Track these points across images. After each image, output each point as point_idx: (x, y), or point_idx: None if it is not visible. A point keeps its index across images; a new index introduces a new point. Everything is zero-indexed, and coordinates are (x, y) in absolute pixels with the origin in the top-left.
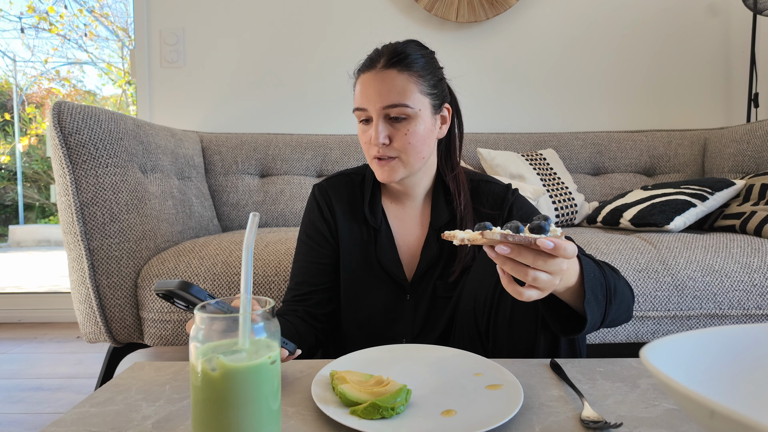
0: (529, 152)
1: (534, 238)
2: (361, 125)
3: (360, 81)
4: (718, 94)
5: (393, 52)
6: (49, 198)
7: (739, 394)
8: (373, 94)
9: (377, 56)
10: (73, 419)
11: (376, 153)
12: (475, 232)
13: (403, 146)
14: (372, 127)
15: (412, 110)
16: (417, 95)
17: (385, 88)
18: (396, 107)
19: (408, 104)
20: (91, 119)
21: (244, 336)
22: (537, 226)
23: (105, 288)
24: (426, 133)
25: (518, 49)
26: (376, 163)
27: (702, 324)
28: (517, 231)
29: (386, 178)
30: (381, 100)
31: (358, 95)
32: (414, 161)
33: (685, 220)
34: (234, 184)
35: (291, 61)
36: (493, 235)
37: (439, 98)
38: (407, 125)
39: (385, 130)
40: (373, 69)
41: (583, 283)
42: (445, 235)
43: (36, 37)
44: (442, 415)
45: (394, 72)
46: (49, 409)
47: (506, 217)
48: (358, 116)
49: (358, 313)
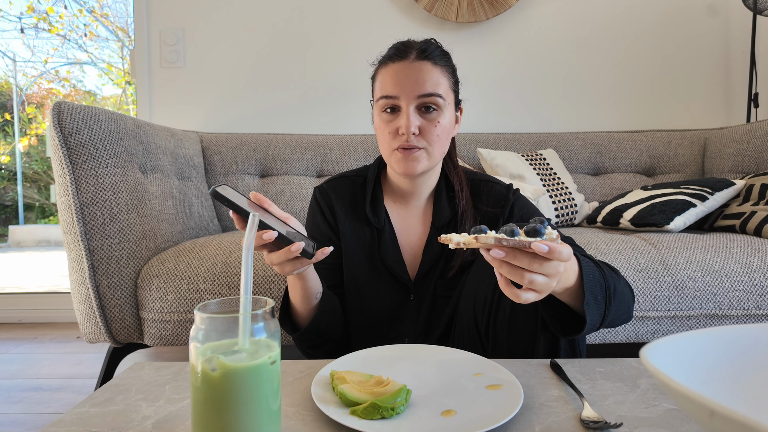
0: (529, 152)
1: (529, 242)
2: (384, 115)
3: (389, 69)
4: (718, 94)
5: (424, 47)
6: (49, 198)
7: (739, 394)
8: (409, 83)
9: (406, 48)
10: (73, 419)
11: (403, 143)
12: (471, 236)
13: (431, 137)
14: (399, 117)
15: (443, 102)
16: (446, 88)
17: (422, 77)
18: (431, 96)
19: (442, 95)
20: (91, 119)
21: (244, 336)
22: (532, 229)
23: (105, 288)
24: (450, 127)
25: (518, 49)
26: (401, 153)
27: (702, 324)
28: (512, 234)
29: (410, 169)
30: (418, 89)
31: (389, 83)
32: (438, 154)
33: (685, 220)
34: (234, 184)
35: (291, 61)
36: (487, 239)
37: (458, 96)
38: (438, 116)
39: (417, 120)
40: (405, 59)
41: (582, 284)
42: (442, 238)
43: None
44: (442, 415)
45: (429, 64)
46: (49, 409)
47: (507, 217)
48: (383, 105)
49: (362, 314)
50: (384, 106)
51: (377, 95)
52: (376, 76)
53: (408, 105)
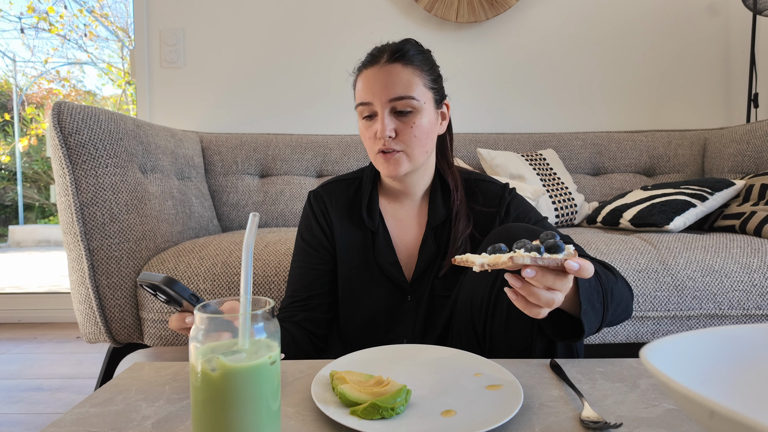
0: (529, 152)
1: (561, 260)
2: (364, 121)
3: (363, 76)
4: (717, 94)
5: (395, 49)
6: (49, 198)
7: (739, 394)
8: (379, 88)
9: (379, 53)
10: (73, 419)
11: (381, 146)
12: (501, 257)
13: (408, 139)
14: (376, 121)
15: (417, 102)
16: (421, 88)
17: (391, 81)
18: (403, 99)
19: (414, 96)
20: (91, 119)
21: (244, 336)
22: (553, 245)
23: (105, 288)
24: (430, 127)
25: (518, 49)
26: (381, 157)
27: (702, 324)
28: (539, 251)
29: (392, 172)
30: (388, 93)
31: (362, 90)
32: (418, 155)
33: (685, 221)
34: (234, 185)
35: (291, 61)
36: (522, 259)
37: (439, 93)
38: (413, 118)
39: (392, 123)
40: (376, 64)
41: (578, 292)
42: (457, 260)
43: (36, 37)
44: (442, 415)
45: (399, 66)
46: (49, 409)
47: (503, 216)
48: (361, 112)
49: (358, 317)
50: (362, 113)
51: (355, 102)
52: (355, 83)
53: (382, 109)
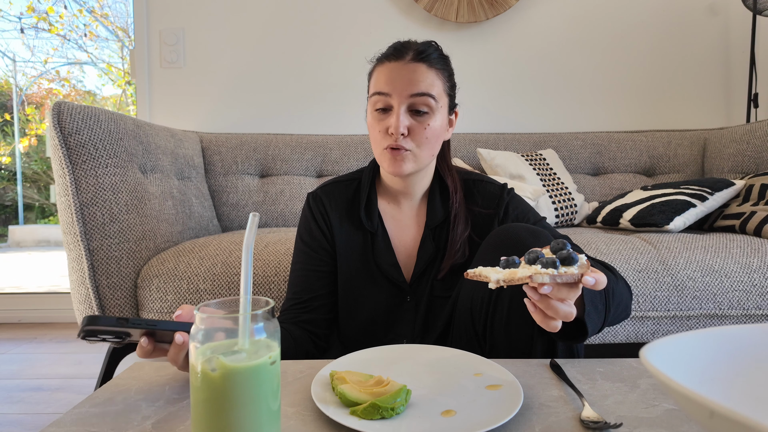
0: (528, 152)
1: (579, 276)
2: (375, 113)
3: (384, 68)
4: (717, 94)
5: (421, 49)
6: (48, 198)
7: (739, 394)
8: (402, 82)
9: (404, 48)
10: (73, 419)
11: (391, 143)
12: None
13: (420, 140)
14: (390, 116)
15: (435, 104)
16: (440, 92)
17: (415, 78)
18: (423, 96)
19: (435, 96)
20: (90, 119)
21: (244, 336)
22: (567, 257)
23: (105, 288)
24: (440, 131)
25: (518, 49)
26: (389, 153)
27: (702, 324)
28: (553, 265)
29: (397, 169)
30: (410, 88)
31: (382, 81)
32: (425, 156)
33: (685, 221)
34: (234, 185)
35: (291, 61)
36: (542, 278)
37: (453, 101)
38: (428, 119)
39: (406, 121)
40: (401, 59)
41: (582, 295)
42: (469, 274)
43: (36, 37)
44: (442, 415)
45: (424, 66)
46: (49, 409)
47: (502, 217)
48: (374, 102)
49: (358, 318)
50: (376, 102)
51: (371, 91)
52: (373, 73)
53: (399, 105)
